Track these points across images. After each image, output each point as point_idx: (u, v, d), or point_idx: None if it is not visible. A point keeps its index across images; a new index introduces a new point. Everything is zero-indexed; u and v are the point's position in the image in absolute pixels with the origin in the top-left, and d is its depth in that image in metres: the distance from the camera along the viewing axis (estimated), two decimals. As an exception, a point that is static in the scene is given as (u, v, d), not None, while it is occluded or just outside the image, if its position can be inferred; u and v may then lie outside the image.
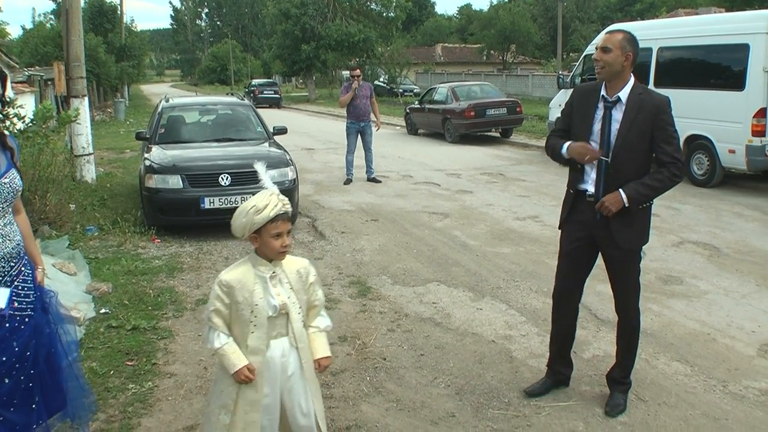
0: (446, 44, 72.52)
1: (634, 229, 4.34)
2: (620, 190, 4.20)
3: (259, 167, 3.41)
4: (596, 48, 4.37)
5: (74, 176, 12.73)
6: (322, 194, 12.53)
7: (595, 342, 5.68)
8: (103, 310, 6.55)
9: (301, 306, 3.36)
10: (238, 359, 3.22)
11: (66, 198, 10.41)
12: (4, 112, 10.15)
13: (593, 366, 5.23)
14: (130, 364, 5.39)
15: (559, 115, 4.77)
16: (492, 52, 62.55)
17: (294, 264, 3.40)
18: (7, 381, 3.27)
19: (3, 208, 3.30)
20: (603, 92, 4.35)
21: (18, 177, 3.40)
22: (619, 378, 4.69)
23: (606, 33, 4.48)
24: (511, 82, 44.79)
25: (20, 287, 3.36)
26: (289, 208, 3.27)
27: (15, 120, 9.62)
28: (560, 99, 16.92)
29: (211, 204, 9.15)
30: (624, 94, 4.29)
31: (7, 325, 3.26)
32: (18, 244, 3.38)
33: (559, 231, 4.70)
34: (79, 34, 13.41)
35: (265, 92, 45.03)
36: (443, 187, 13.10)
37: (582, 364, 5.21)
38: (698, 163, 12.69)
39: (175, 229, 9.60)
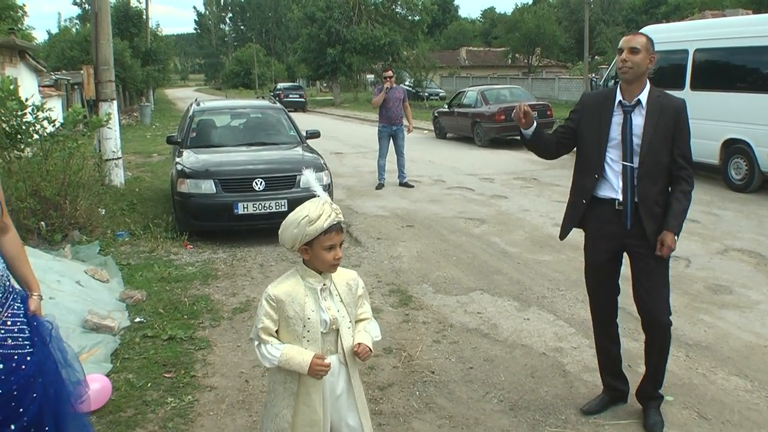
0: (470, 47, 72.24)
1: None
2: (669, 227, 4.08)
3: (308, 174, 3.21)
4: (622, 50, 4.18)
5: (103, 181, 12.62)
6: (354, 199, 12.32)
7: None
8: (137, 319, 6.39)
9: (351, 320, 3.14)
10: (303, 355, 2.99)
11: (96, 202, 10.29)
12: (35, 115, 10.07)
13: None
14: (168, 376, 5.21)
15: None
16: (517, 55, 62.25)
17: (343, 276, 3.18)
18: (13, 427, 2.97)
19: None
20: (619, 97, 4.22)
21: None
22: (652, 393, 4.46)
23: (629, 35, 4.30)
24: (537, 85, 44.46)
25: (9, 323, 3.04)
26: (341, 217, 3.05)
27: (45, 123, 9.51)
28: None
29: (245, 209, 8.98)
30: (643, 97, 4.16)
31: (1, 366, 2.95)
32: (1, 275, 3.08)
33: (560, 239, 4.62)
34: (108, 38, 13.33)
35: (290, 96, 45.01)
36: (477, 192, 12.86)
37: (638, 378, 4.95)
38: (736, 167, 12.38)
39: (208, 235, 9.44)
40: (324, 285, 3.07)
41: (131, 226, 10.00)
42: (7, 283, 3.10)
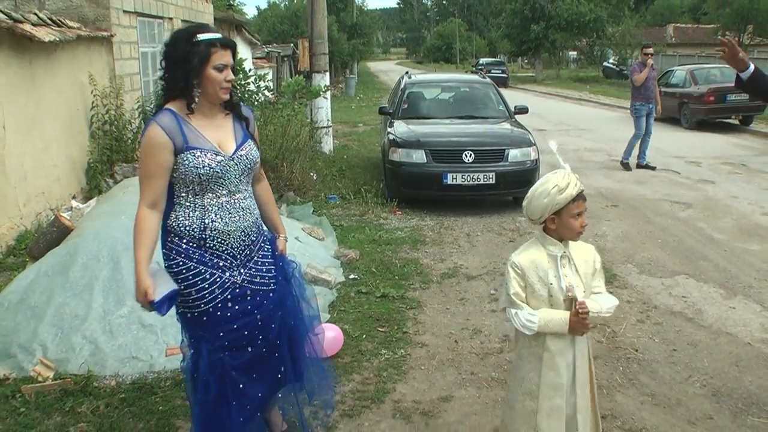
0: (678, 24, 68.39)
1: None
2: None
3: (553, 145, 3.33)
4: None
5: (314, 147, 13.35)
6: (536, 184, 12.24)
7: None
8: (351, 276, 6.80)
9: (585, 290, 3.24)
10: (561, 314, 3.10)
11: (308, 167, 10.93)
12: (257, 85, 10.84)
13: None
14: (381, 330, 5.55)
15: None
16: (727, 33, 58.14)
17: (580, 248, 3.27)
18: (249, 350, 3.35)
19: (241, 180, 3.29)
20: None
21: (254, 148, 3.36)
22: None
23: None
24: (750, 66, 41.40)
25: (260, 263, 3.41)
26: (583, 187, 3.15)
27: (266, 92, 10.23)
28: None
29: (454, 180, 9.22)
30: None
31: (249, 298, 3.33)
32: (257, 219, 3.42)
33: None
34: (323, 13, 14.00)
35: (492, 71, 44.72)
36: (683, 175, 12.39)
37: None
38: None
39: (416, 203, 9.77)
40: (564, 252, 3.19)
41: (342, 190, 10.55)
42: (261, 226, 3.48)
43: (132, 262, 5.14)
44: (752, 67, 4.19)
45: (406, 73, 12.92)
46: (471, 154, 9.27)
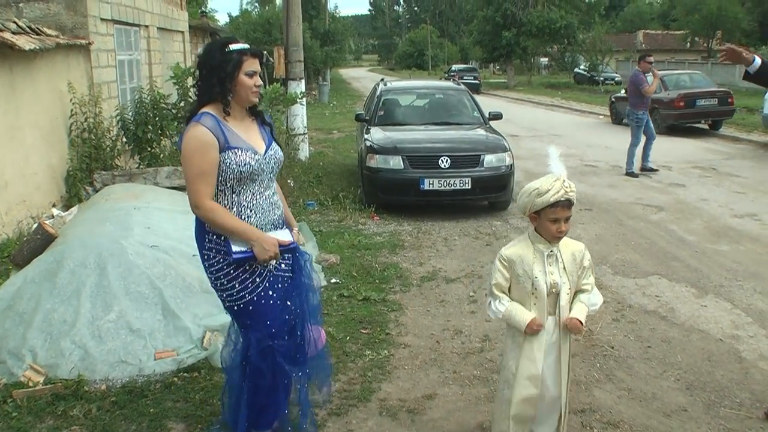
0: (648, 30, 69.21)
1: None
2: None
3: (552, 150, 3.52)
4: None
5: (290, 154, 13.43)
6: (532, 181, 12.44)
7: None
8: (333, 280, 6.92)
9: (571, 287, 3.42)
10: (525, 314, 3.36)
11: (286, 174, 11.02)
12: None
13: None
14: (364, 332, 5.68)
15: None
16: (696, 38, 58.94)
17: (571, 246, 3.49)
18: (288, 338, 3.65)
19: (270, 178, 3.61)
20: None
21: (279, 149, 3.69)
22: None
23: None
24: (717, 71, 41.92)
25: (280, 251, 3.61)
26: (573, 195, 3.31)
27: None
28: (782, 90, 15.84)
29: (431, 185, 9.38)
30: None
31: (280, 286, 3.61)
32: (281, 212, 3.69)
33: None
34: (298, 21, 14.15)
35: (465, 78, 44.79)
36: (655, 179, 12.67)
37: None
38: None
39: (393, 208, 9.91)
40: (551, 252, 3.39)
41: (320, 196, 10.66)
42: (283, 219, 3.74)
43: (120, 268, 5.33)
44: (758, 60, 4.39)
45: (382, 80, 13.06)
46: (447, 160, 9.43)
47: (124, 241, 5.61)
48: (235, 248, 3.40)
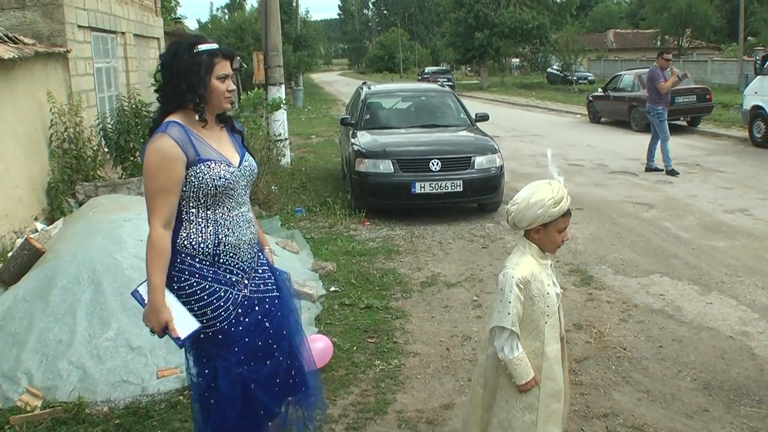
0: (618, 30, 69.84)
1: None
2: None
3: (550, 153, 3.34)
4: None
5: (274, 160, 13.23)
6: (520, 182, 12.30)
7: None
8: (332, 288, 6.76)
9: (559, 293, 3.29)
10: (529, 370, 3.12)
11: (270, 180, 10.84)
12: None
13: None
14: (371, 341, 5.52)
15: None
16: (666, 37, 59.51)
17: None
18: (268, 363, 3.31)
19: (245, 192, 3.28)
20: None
21: (253, 160, 3.35)
22: None
23: None
24: (688, 67, 42.16)
25: (260, 270, 3.37)
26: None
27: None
28: (756, 86, 15.92)
29: (422, 189, 9.25)
30: None
31: (257, 308, 3.29)
32: (256, 231, 3.38)
33: None
34: (277, 26, 13.98)
35: (438, 79, 44.88)
36: (641, 177, 12.67)
37: None
38: None
39: (383, 212, 9.78)
40: (551, 262, 3.23)
41: (307, 202, 10.49)
42: (257, 236, 3.42)
43: (115, 283, 5.10)
44: None
45: (364, 83, 12.89)
46: (438, 163, 9.30)
47: (118, 255, 5.40)
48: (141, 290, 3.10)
